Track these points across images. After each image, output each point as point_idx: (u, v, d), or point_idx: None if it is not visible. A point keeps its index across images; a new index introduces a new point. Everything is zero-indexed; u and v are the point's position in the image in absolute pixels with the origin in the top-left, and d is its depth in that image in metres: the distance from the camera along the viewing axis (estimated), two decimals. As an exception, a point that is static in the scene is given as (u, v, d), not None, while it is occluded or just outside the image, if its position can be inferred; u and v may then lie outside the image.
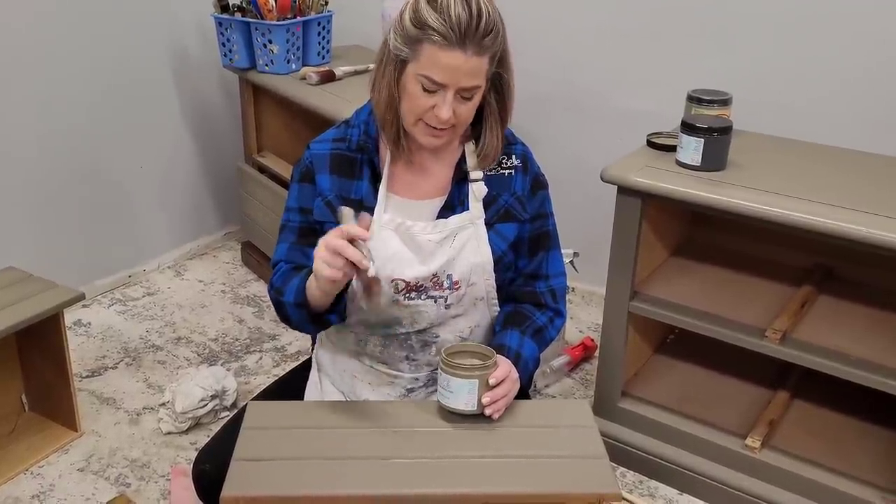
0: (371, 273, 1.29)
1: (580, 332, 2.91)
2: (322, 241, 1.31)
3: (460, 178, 1.54)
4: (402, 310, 1.53)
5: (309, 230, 1.55)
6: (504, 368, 1.42)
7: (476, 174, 1.54)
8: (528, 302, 1.61)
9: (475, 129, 1.54)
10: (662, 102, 2.45)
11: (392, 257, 1.50)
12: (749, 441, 2.07)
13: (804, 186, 1.93)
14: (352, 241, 1.29)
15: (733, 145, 2.04)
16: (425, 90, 1.40)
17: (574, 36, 2.86)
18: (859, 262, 2.19)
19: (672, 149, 2.09)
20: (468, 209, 1.53)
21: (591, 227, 2.67)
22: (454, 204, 1.54)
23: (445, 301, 1.53)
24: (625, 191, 2.03)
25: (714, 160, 2.00)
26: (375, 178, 1.54)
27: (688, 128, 2.01)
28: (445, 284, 1.52)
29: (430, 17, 1.35)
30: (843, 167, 2.08)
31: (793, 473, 2.01)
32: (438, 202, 1.55)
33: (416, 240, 1.51)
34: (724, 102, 2.11)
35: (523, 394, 1.73)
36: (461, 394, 1.39)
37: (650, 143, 2.19)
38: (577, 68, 2.88)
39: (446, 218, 1.53)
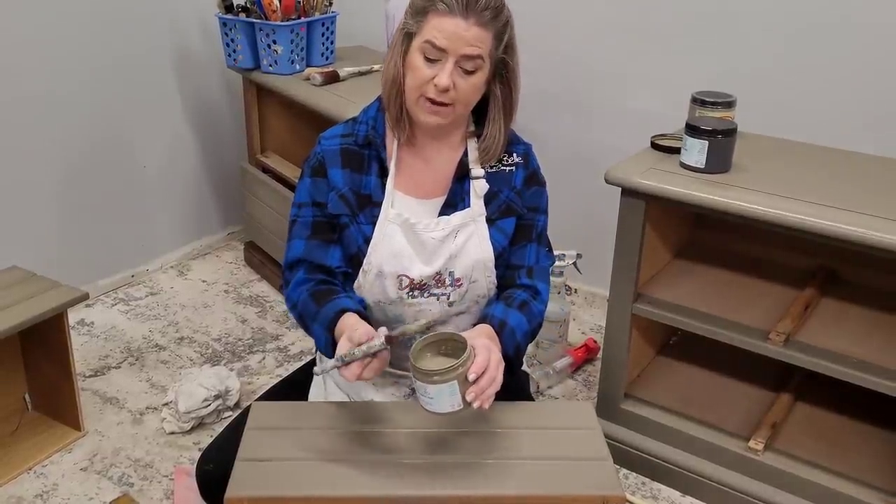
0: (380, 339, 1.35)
1: (583, 333, 2.91)
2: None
3: (461, 175, 1.57)
4: (406, 308, 1.55)
5: (325, 224, 1.56)
6: (483, 358, 1.31)
7: (477, 171, 1.56)
8: (508, 287, 1.60)
9: (480, 127, 1.56)
10: (666, 104, 2.45)
11: (398, 254, 1.52)
12: (752, 443, 2.06)
13: (808, 189, 1.93)
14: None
15: (738, 147, 2.04)
16: (427, 59, 1.44)
17: (578, 37, 2.86)
18: (863, 265, 2.18)
19: (676, 151, 2.09)
20: (469, 206, 1.55)
21: (594, 229, 2.67)
22: (455, 201, 1.56)
23: (448, 298, 1.55)
24: (629, 193, 2.03)
25: (718, 162, 2.00)
26: (382, 174, 1.56)
27: (692, 130, 2.00)
28: (448, 282, 1.54)
29: None
30: (847, 170, 2.08)
31: (796, 476, 2.01)
32: (441, 201, 1.57)
33: (419, 237, 1.53)
34: (729, 104, 2.11)
35: (523, 392, 1.74)
36: (442, 398, 1.28)
37: (654, 145, 2.18)
38: (581, 69, 2.88)
39: (448, 215, 1.55)
